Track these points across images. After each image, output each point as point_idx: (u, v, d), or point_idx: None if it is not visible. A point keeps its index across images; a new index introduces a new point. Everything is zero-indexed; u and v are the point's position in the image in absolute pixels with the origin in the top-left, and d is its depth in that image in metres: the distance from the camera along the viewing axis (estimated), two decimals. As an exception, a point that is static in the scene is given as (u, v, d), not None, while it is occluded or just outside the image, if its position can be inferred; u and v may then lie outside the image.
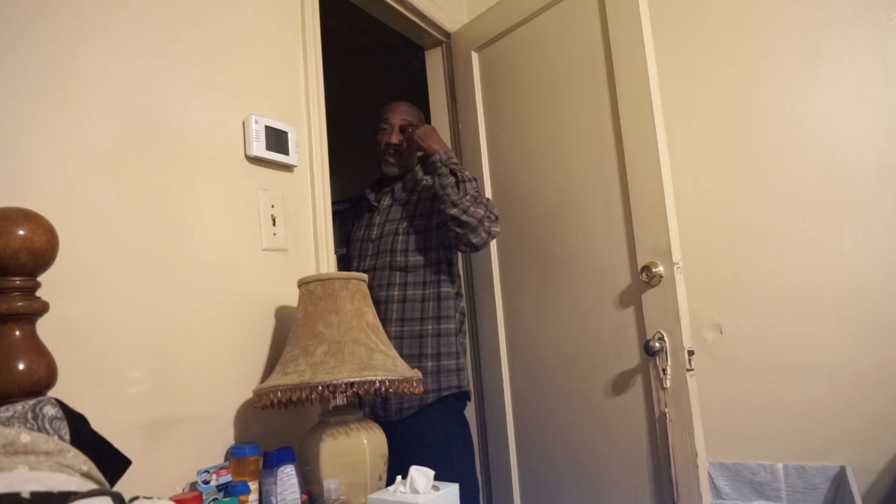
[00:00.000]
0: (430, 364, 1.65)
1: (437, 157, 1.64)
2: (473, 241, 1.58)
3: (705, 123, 1.97)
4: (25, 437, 0.66)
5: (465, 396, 1.76)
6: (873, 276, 1.72)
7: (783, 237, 1.84)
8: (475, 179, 1.64)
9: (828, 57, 1.80)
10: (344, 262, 1.93)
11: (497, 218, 1.64)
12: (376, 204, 1.86)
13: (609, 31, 1.69)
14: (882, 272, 1.71)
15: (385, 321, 1.67)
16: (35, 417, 0.76)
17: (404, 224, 1.75)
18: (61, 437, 0.77)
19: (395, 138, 1.80)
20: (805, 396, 1.79)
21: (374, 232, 1.81)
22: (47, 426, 0.76)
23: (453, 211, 1.57)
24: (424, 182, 1.80)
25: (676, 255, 1.55)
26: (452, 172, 1.60)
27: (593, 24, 1.74)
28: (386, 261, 1.73)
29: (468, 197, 1.57)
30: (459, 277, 1.83)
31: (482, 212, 1.58)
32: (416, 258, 1.71)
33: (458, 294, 1.79)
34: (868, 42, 1.76)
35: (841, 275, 1.76)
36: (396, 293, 1.70)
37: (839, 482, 1.69)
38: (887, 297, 1.70)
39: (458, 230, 1.58)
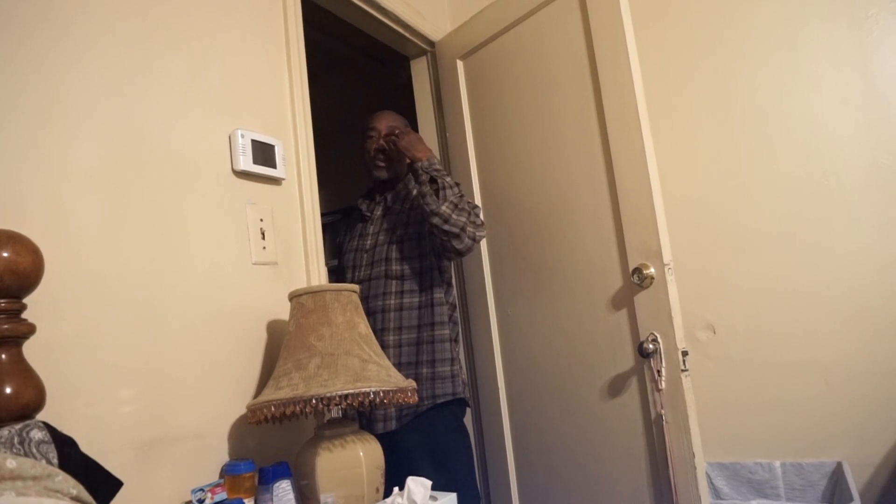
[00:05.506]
0: (425, 371, 1.64)
1: (419, 164, 1.65)
2: (457, 247, 1.59)
3: (690, 124, 1.99)
4: (11, 463, 0.65)
5: (462, 403, 1.75)
6: (862, 271, 1.73)
7: (771, 235, 1.85)
8: (458, 185, 1.64)
9: (808, 55, 1.82)
10: (336, 274, 1.93)
11: (482, 223, 1.65)
12: (369, 214, 1.86)
13: (592, 34, 1.70)
14: (871, 267, 1.72)
15: (383, 330, 1.67)
16: (21, 442, 0.75)
17: (398, 232, 1.75)
18: (49, 462, 0.76)
19: (383, 142, 1.83)
20: (800, 393, 1.80)
21: (368, 242, 1.81)
22: (34, 450, 0.75)
23: (434, 220, 1.58)
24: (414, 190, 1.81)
25: (667, 257, 1.55)
26: (433, 179, 1.61)
27: (576, 29, 1.75)
28: (381, 270, 1.73)
29: (448, 204, 1.58)
30: (452, 286, 1.83)
31: (464, 218, 1.58)
32: (410, 266, 1.71)
33: (452, 305, 1.79)
34: (847, 39, 1.77)
35: (830, 271, 1.77)
36: (393, 302, 1.70)
37: (836, 478, 1.69)
38: (877, 292, 1.71)
39: (442, 238, 1.59)
